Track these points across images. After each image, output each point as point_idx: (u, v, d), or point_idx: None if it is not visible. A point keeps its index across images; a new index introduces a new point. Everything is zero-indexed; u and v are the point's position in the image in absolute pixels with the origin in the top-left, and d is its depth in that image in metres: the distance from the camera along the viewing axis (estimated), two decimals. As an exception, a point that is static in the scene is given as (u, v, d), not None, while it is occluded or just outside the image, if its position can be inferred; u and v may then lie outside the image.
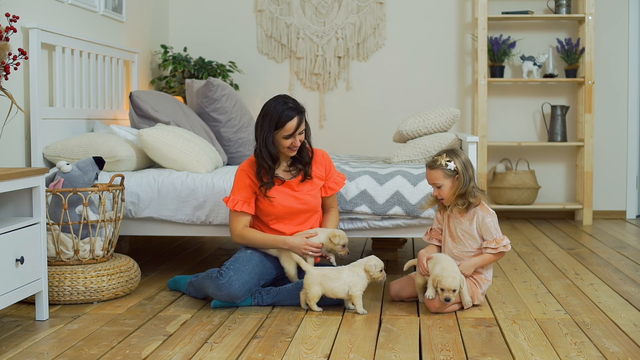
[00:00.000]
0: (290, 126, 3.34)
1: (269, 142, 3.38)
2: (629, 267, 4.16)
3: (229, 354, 2.66)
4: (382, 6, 6.14)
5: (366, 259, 3.30)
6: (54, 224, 3.43)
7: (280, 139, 3.38)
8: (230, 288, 3.24)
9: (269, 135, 3.37)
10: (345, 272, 3.24)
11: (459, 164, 3.32)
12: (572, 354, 2.65)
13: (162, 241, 5.13)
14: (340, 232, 3.45)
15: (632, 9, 6.11)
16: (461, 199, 3.31)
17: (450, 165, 3.31)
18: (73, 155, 3.93)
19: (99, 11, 4.74)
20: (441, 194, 3.35)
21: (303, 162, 3.49)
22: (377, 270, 3.27)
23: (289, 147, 3.39)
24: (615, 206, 6.23)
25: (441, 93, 6.18)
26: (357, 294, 3.21)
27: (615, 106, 6.17)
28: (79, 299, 3.38)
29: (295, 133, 3.37)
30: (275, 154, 3.40)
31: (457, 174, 3.31)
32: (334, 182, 3.59)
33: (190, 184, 3.86)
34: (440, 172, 3.32)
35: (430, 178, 3.37)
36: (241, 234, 3.42)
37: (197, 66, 5.77)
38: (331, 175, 3.59)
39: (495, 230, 3.32)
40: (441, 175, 3.32)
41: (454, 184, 3.32)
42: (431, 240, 3.48)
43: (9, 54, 3.25)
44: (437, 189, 3.36)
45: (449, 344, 2.77)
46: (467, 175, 3.31)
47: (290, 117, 3.34)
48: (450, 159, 3.32)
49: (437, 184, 3.34)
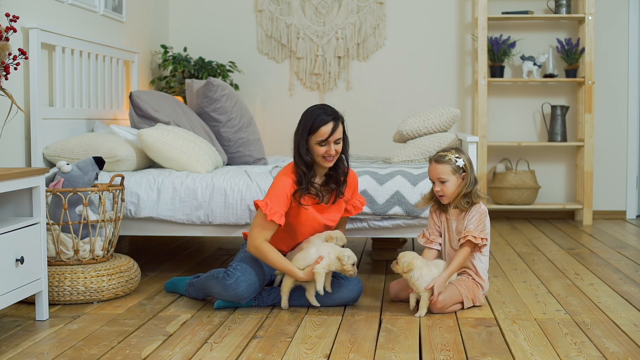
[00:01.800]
0: (324, 131, 3.23)
1: (302, 147, 3.26)
2: (629, 267, 4.16)
3: (229, 354, 2.66)
4: (382, 6, 6.14)
5: (342, 248, 3.26)
6: (54, 224, 3.43)
7: (314, 145, 3.25)
8: (237, 289, 3.23)
9: (303, 140, 3.26)
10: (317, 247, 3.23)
11: (467, 162, 3.31)
12: (572, 354, 2.65)
13: (162, 241, 5.13)
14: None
15: (632, 9, 6.11)
16: (465, 198, 3.29)
17: (459, 162, 3.29)
18: (73, 155, 3.93)
19: (99, 11, 4.74)
20: (444, 191, 3.30)
21: (338, 179, 3.37)
22: (350, 262, 3.18)
23: (323, 155, 3.26)
24: (615, 206, 6.23)
25: (441, 93, 6.18)
26: (320, 272, 3.16)
27: (615, 106, 6.17)
28: (79, 299, 3.38)
29: (329, 139, 3.24)
30: (309, 161, 3.27)
31: (465, 172, 3.29)
32: (352, 206, 3.51)
33: (190, 184, 3.86)
34: (448, 167, 3.28)
35: (435, 172, 3.31)
36: (258, 247, 3.23)
37: (197, 66, 5.77)
38: (354, 197, 3.52)
39: (480, 224, 3.26)
40: (449, 170, 3.28)
41: (459, 181, 3.30)
42: (432, 245, 3.40)
43: (9, 54, 3.25)
44: (441, 184, 3.30)
45: (449, 344, 2.77)
46: (472, 174, 3.30)
47: (325, 122, 3.22)
48: (459, 155, 3.31)
49: (443, 179, 3.29)
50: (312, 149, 3.27)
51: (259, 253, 3.24)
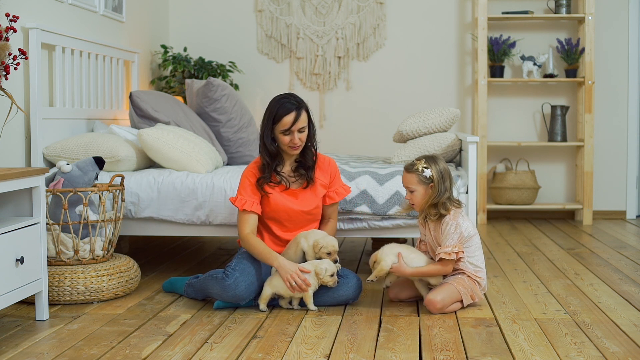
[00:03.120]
0: (287, 120, 3.29)
1: (267, 137, 3.35)
2: (629, 267, 4.16)
3: (229, 354, 2.66)
4: (382, 6, 6.14)
5: (318, 261, 3.27)
6: (54, 224, 3.43)
7: (278, 134, 3.34)
8: (236, 289, 3.23)
9: (267, 130, 3.35)
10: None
11: (435, 172, 3.25)
12: (572, 354, 2.65)
13: (162, 241, 5.13)
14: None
15: (632, 9, 6.11)
16: (434, 209, 3.25)
17: (426, 172, 3.25)
18: (73, 155, 3.93)
19: (99, 11, 4.74)
20: (413, 199, 3.31)
21: (306, 165, 3.44)
22: (328, 274, 3.22)
23: (288, 144, 3.34)
24: (615, 206, 6.23)
25: (441, 93, 6.18)
26: (309, 293, 3.23)
27: (615, 106, 6.17)
28: (79, 299, 3.38)
29: (292, 129, 3.31)
30: (273, 150, 3.36)
31: (432, 182, 3.26)
32: (334, 192, 3.53)
33: (190, 184, 3.86)
34: (415, 177, 3.28)
35: (404, 181, 3.33)
36: (246, 239, 3.34)
37: (197, 66, 5.77)
38: (335, 184, 3.54)
39: (449, 238, 3.22)
40: (415, 180, 3.28)
41: (427, 191, 3.27)
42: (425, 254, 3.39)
43: (9, 54, 3.25)
44: (410, 194, 3.31)
45: (449, 344, 2.77)
46: (442, 185, 3.25)
47: (288, 111, 3.29)
48: (428, 165, 3.26)
49: (410, 189, 3.30)
50: (277, 138, 3.36)
51: (247, 245, 3.34)
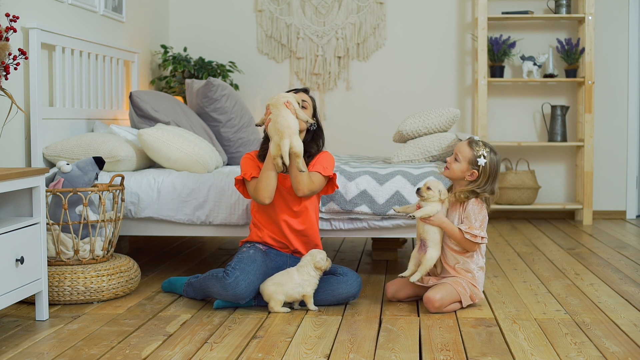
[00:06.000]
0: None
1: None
2: (629, 267, 4.16)
3: (229, 354, 2.66)
4: (382, 6, 6.14)
5: (309, 256, 3.30)
6: (54, 224, 3.43)
7: None
8: (236, 288, 3.23)
9: None
10: (295, 274, 3.27)
11: (488, 166, 3.28)
12: (572, 354, 2.65)
13: (162, 241, 5.13)
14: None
15: (632, 9, 6.11)
16: (473, 194, 3.29)
17: (480, 161, 3.29)
18: (73, 155, 3.93)
19: (99, 11, 4.74)
20: (451, 167, 3.33)
21: (307, 154, 3.47)
22: (325, 262, 3.30)
23: None
24: (615, 206, 6.23)
25: (441, 93, 6.18)
26: (310, 293, 3.26)
27: (615, 106, 6.17)
28: (79, 299, 3.38)
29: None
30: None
31: (477, 171, 3.29)
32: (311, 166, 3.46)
33: (190, 184, 3.86)
34: (470, 154, 3.30)
35: (458, 148, 3.33)
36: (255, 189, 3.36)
37: (197, 66, 5.77)
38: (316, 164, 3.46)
39: (475, 220, 3.26)
40: (468, 156, 3.29)
41: (466, 172, 3.30)
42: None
43: (9, 54, 3.25)
44: (454, 161, 3.32)
45: (449, 344, 2.77)
46: (485, 179, 3.28)
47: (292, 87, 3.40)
48: (487, 157, 3.29)
49: (458, 158, 3.31)
50: None
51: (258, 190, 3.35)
